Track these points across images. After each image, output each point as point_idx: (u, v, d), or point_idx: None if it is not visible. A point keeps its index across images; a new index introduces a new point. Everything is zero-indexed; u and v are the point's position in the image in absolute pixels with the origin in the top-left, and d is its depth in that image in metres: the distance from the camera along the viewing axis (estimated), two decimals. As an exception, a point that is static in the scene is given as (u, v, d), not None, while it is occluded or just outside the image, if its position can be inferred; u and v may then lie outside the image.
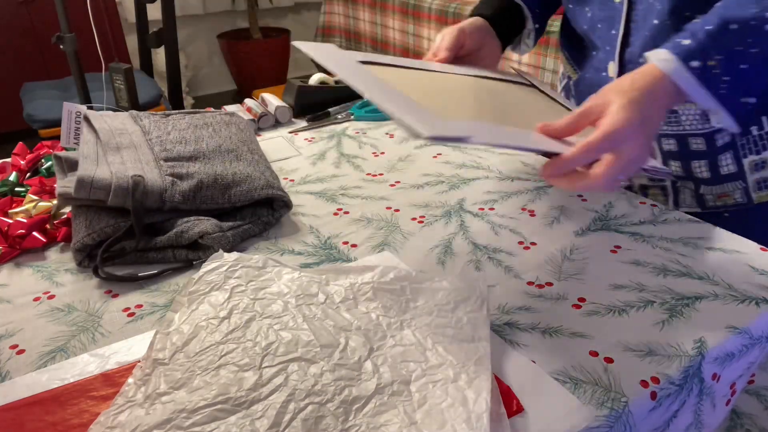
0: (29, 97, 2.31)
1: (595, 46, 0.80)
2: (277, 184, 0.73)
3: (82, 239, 0.61)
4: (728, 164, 0.75)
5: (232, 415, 0.41)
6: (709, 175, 0.77)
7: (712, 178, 0.77)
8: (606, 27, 0.76)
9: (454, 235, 0.68)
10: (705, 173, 0.77)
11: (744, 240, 0.65)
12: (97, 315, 0.56)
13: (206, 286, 0.53)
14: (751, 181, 0.74)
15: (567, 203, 0.75)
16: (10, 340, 0.53)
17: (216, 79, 4.05)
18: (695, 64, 0.54)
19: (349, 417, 0.42)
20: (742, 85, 0.55)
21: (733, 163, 0.74)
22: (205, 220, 0.65)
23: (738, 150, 0.73)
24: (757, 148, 0.73)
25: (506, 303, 0.57)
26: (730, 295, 0.56)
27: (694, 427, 0.53)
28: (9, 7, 2.85)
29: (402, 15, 2.91)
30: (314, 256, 0.65)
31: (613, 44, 0.76)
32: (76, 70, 1.83)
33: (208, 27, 3.87)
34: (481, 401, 0.43)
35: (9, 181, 0.79)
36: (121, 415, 0.42)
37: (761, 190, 0.75)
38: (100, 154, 0.69)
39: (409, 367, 0.46)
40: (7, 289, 0.60)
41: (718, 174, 0.76)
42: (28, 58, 2.96)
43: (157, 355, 0.47)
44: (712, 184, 0.77)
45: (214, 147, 0.76)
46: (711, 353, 0.50)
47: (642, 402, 0.46)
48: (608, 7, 0.74)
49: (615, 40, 0.75)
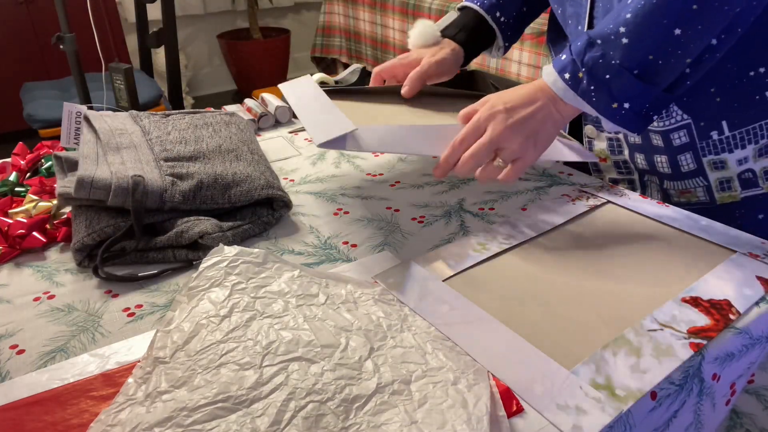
0: (29, 97, 2.31)
1: (569, 41, 0.82)
2: (277, 184, 0.73)
3: (82, 239, 0.61)
4: (688, 163, 0.76)
5: (232, 413, 0.41)
6: (670, 170, 0.78)
7: (673, 174, 0.79)
8: (574, 23, 0.78)
9: (454, 235, 0.68)
10: (666, 168, 0.79)
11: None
12: (97, 315, 0.56)
13: (206, 282, 0.53)
14: (712, 179, 0.75)
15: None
16: (10, 340, 0.53)
17: (216, 79, 4.05)
18: (567, 75, 0.61)
19: (350, 415, 0.42)
20: (609, 92, 0.60)
21: (692, 162, 0.76)
22: (205, 220, 0.65)
23: (698, 151, 0.75)
24: (717, 151, 0.74)
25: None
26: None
27: (694, 427, 0.53)
28: (9, 7, 2.85)
29: (402, 15, 2.91)
30: (314, 256, 0.65)
31: (581, 32, 0.78)
32: (76, 70, 1.82)
33: (208, 27, 3.87)
34: (481, 405, 0.43)
35: (9, 181, 0.79)
36: (122, 414, 0.42)
37: (723, 190, 0.76)
38: (100, 154, 0.69)
39: (409, 367, 0.47)
40: (7, 289, 0.60)
41: (679, 170, 0.78)
42: (28, 58, 2.96)
43: (158, 353, 0.47)
44: (674, 180, 0.79)
45: (214, 147, 0.76)
46: (711, 353, 0.51)
47: (642, 402, 0.46)
48: (576, 4, 0.77)
49: (582, 28, 0.77)
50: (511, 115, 0.62)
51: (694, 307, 0.55)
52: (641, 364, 0.49)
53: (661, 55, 0.58)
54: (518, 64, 2.34)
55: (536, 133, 0.63)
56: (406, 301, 0.56)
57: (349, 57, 3.39)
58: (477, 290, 0.58)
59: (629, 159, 0.82)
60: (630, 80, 0.59)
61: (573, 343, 0.51)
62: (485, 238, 0.67)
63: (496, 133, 0.62)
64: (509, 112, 0.62)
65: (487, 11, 0.86)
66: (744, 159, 0.73)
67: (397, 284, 0.58)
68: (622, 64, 0.59)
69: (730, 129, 0.72)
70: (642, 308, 0.55)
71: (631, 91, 0.60)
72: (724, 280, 0.59)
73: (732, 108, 0.71)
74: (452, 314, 0.54)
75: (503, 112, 0.63)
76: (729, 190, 0.76)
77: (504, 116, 0.62)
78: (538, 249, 0.65)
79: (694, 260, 0.62)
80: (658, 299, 0.56)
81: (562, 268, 0.61)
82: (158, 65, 3.18)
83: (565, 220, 0.71)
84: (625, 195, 0.76)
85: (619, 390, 0.46)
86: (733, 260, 0.62)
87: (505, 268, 0.62)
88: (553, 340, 0.51)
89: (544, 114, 0.63)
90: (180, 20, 3.68)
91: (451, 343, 0.50)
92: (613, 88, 0.60)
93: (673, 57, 0.59)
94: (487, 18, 0.86)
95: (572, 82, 0.61)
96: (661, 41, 0.58)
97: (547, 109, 0.63)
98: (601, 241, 0.66)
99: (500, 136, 0.62)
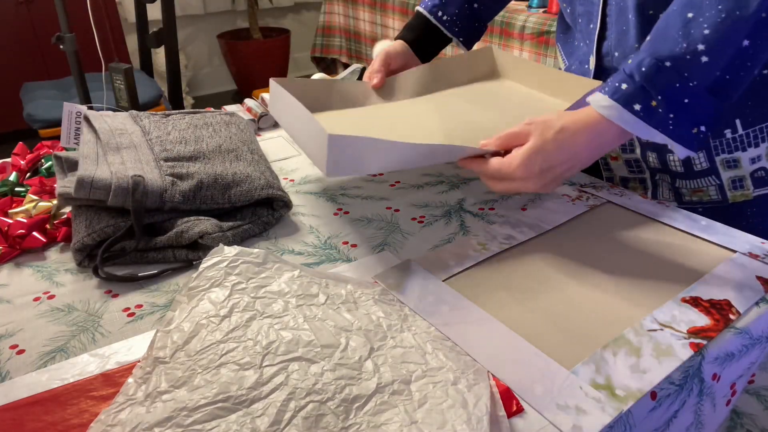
0: (29, 97, 2.31)
1: (578, 39, 0.83)
2: (277, 184, 0.73)
3: (82, 239, 0.61)
4: (701, 162, 0.76)
5: (232, 413, 0.41)
6: (683, 169, 0.78)
7: (686, 173, 0.78)
8: (585, 21, 0.78)
9: (454, 235, 0.68)
10: (679, 167, 0.78)
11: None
12: (97, 315, 0.56)
13: (206, 282, 0.53)
14: (725, 178, 0.75)
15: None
16: (10, 340, 0.53)
17: (216, 79, 4.05)
18: (637, 107, 0.55)
19: (350, 415, 0.42)
20: (689, 118, 0.55)
21: (705, 160, 0.76)
22: (205, 220, 0.65)
23: (711, 150, 0.74)
24: (730, 149, 0.73)
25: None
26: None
27: (694, 427, 0.53)
28: (9, 7, 2.85)
29: (402, 15, 2.91)
30: (314, 256, 0.65)
31: (592, 38, 0.78)
32: (76, 70, 1.82)
33: (208, 27, 3.87)
34: (481, 405, 0.43)
35: (9, 181, 0.79)
36: (122, 413, 0.42)
37: (735, 189, 0.76)
38: (100, 154, 0.69)
39: (409, 367, 0.47)
40: (7, 289, 0.60)
41: (692, 169, 0.77)
42: (28, 58, 2.96)
43: (158, 353, 0.47)
44: (687, 179, 0.79)
45: (214, 147, 0.76)
46: (711, 353, 0.51)
47: (642, 402, 0.46)
48: (587, 2, 0.76)
49: (593, 34, 0.77)
50: (562, 175, 0.60)
51: (694, 307, 0.55)
52: (641, 364, 0.49)
53: (733, 70, 0.54)
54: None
55: (576, 168, 0.61)
56: (406, 301, 0.56)
57: (349, 57, 3.39)
58: (477, 290, 0.58)
59: (641, 157, 0.82)
60: (708, 100, 0.55)
61: (573, 343, 0.51)
62: (485, 238, 0.67)
63: (539, 187, 0.60)
64: (547, 173, 0.59)
65: (429, 12, 0.92)
66: (757, 157, 0.73)
67: (397, 284, 0.58)
68: (700, 85, 0.54)
69: (744, 127, 0.72)
70: (642, 308, 0.55)
71: (708, 112, 0.56)
72: (724, 280, 0.59)
73: (746, 106, 0.70)
74: (452, 314, 0.54)
75: (558, 171, 0.59)
76: (741, 189, 0.75)
77: (552, 176, 0.59)
78: (538, 249, 0.65)
79: (694, 260, 0.62)
80: (658, 299, 0.56)
81: (562, 268, 0.61)
82: (158, 65, 3.18)
83: (565, 220, 0.71)
84: (625, 195, 0.76)
85: (619, 390, 0.46)
86: (733, 260, 0.62)
87: (505, 268, 0.62)
88: (553, 340, 0.51)
89: (592, 153, 0.60)
90: (180, 20, 3.68)
91: (451, 343, 0.50)
92: (693, 113, 0.55)
93: (743, 70, 0.55)
94: (429, 18, 0.91)
95: (645, 113, 0.55)
96: (733, 55, 0.54)
97: (602, 148, 0.60)
98: (601, 241, 0.66)
99: (544, 189, 0.60)
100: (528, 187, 0.60)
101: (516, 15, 2.32)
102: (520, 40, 2.30)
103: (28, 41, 2.93)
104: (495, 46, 0.94)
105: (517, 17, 2.30)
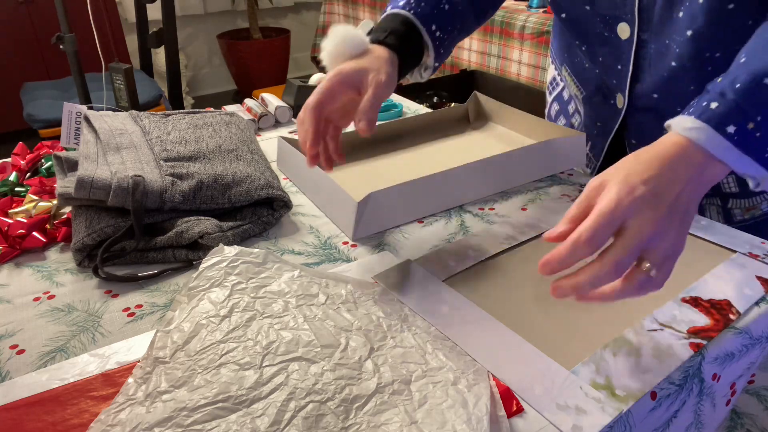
0: (29, 97, 2.31)
1: (597, 73, 0.80)
2: (277, 184, 0.73)
3: (82, 239, 0.61)
4: None
5: (232, 413, 0.41)
6: (738, 189, 0.75)
7: (740, 192, 0.75)
8: (610, 60, 0.74)
9: (454, 235, 0.68)
10: (733, 188, 0.76)
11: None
12: (97, 315, 0.56)
13: (206, 282, 0.53)
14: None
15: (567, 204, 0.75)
16: (10, 340, 0.53)
17: (216, 79, 4.05)
18: (731, 129, 0.46)
19: (350, 415, 0.42)
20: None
21: None
22: (205, 220, 0.65)
23: None
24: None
25: (506, 303, 0.57)
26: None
27: (694, 427, 0.53)
28: (9, 7, 2.85)
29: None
30: (314, 256, 0.65)
31: (621, 78, 0.75)
32: (76, 70, 1.82)
33: (208, 27, 3.87)
34: (481, 405, 0.43)
35: (9, 181, 0.79)
36: (122, 413, 0.42)
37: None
38: (100, 154, 0.69)
39: (409, 367, 0.47)
40: (7, 289, 0.60)
41: (746, 188, 0.74)
42: (28, 58, 2.96)
43: (158, 353, 0.47)
44: (741, 198, 0.76)
45: (214, 147, 0.76)
46: (711, 353, 0.51)
47: (642, 402, 0.46)
48: (610, 43, 0.73)
49: (622, 75, 0.74)
50: (660, 200, 0.44)
51: (694, 307, 0.55)
52: (641, 364, 0.49)
53: None
54: (518, 64, 2.34)
55: (686, 215, 0.45)
56: (406, 301, 0.56)
57: (349, 57, 3.38)
58: (477, 290, 0.58)
59: None
60: None
61: (573, 343, 0.51)
62: (485, 238, 0.67)
63: (645, 233, 0.43)
64: (656, 196, 0.44)
65: (422, 22, 0.67)
66: None
67: (397, 284, 0.58)
68: None
69: None
70: (642, 308, 0.55)
71: None
72: (724, 280, 0.59)
73: None
74: (452, 314, 0.54)
75: (648, 196, 0.43)
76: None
77: (651, 203, 0.43)
78: (538, 249, 0.65)
79: (694, 260, 0.62)
80: (658, 299, 0.56)
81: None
82: (158, 65, 3.18)
83: (565, 220, 0.70)
84: None
85: (619, 390, 0.46)
86: (733, 260, 0.62)
87: (505, 268, 0.62)
88: (553, 340, 0.51)
89: (693, 187, 0.46)
90: (180, 20, 3.68)
91: (451, 343, 0.50)
92: None
93: None
94: (422, 30, 0.67)
95: (739, 137, 0.45)
96: None
97: (696, 181, 0.46)
98: (601, 241, 0.66)
99: (651, 235, 0.43)
100: (647, 229, 0.43)
101: (516, 15, 2.32)
102: (520, 40, 2.30)
103: (28, 41, 2.94)
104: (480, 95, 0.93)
105: (517, 17, 2.30)
